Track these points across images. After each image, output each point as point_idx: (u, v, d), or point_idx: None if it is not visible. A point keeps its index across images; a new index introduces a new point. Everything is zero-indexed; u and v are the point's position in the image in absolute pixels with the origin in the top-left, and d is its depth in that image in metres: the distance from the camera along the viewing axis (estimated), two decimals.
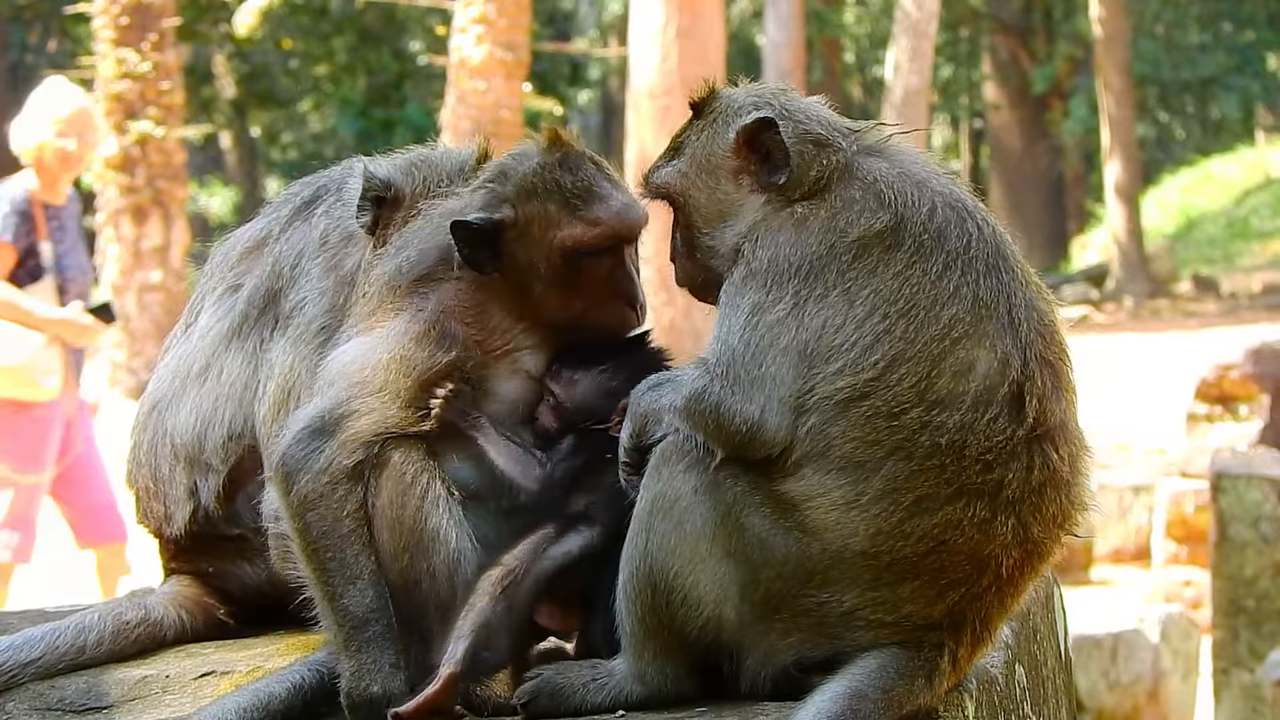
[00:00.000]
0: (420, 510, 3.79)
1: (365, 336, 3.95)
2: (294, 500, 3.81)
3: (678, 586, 3.45)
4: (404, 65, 45.91)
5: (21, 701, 4.11)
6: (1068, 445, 3.41)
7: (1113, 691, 11.98)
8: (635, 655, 3.53)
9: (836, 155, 3.52)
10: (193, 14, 36.94)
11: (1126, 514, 18.04)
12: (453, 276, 3.98)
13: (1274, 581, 11.87)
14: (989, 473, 3.31)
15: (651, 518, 3.47)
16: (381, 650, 3.73)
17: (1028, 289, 3.45)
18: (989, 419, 3.31)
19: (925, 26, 27.59)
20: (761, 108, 3.59)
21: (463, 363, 3.90)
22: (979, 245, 3.40)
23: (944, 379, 3.31)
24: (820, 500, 3.34)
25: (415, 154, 4.40)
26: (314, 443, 3.81)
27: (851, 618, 3.39)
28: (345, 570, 3.77)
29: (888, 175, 3.47)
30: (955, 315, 3.33)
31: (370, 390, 3.83)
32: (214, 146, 52.66)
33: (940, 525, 3.31)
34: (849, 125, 3.62)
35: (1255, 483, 11.92)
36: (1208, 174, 46.46)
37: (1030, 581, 3.49)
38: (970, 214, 3.44)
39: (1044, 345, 3.40)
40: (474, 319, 3.95)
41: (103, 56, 27.14)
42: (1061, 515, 3.42)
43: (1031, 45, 47.87)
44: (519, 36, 24.57)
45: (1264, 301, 33.86)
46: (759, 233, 3.48)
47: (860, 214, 3.41)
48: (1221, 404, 16.64)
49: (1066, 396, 3.43)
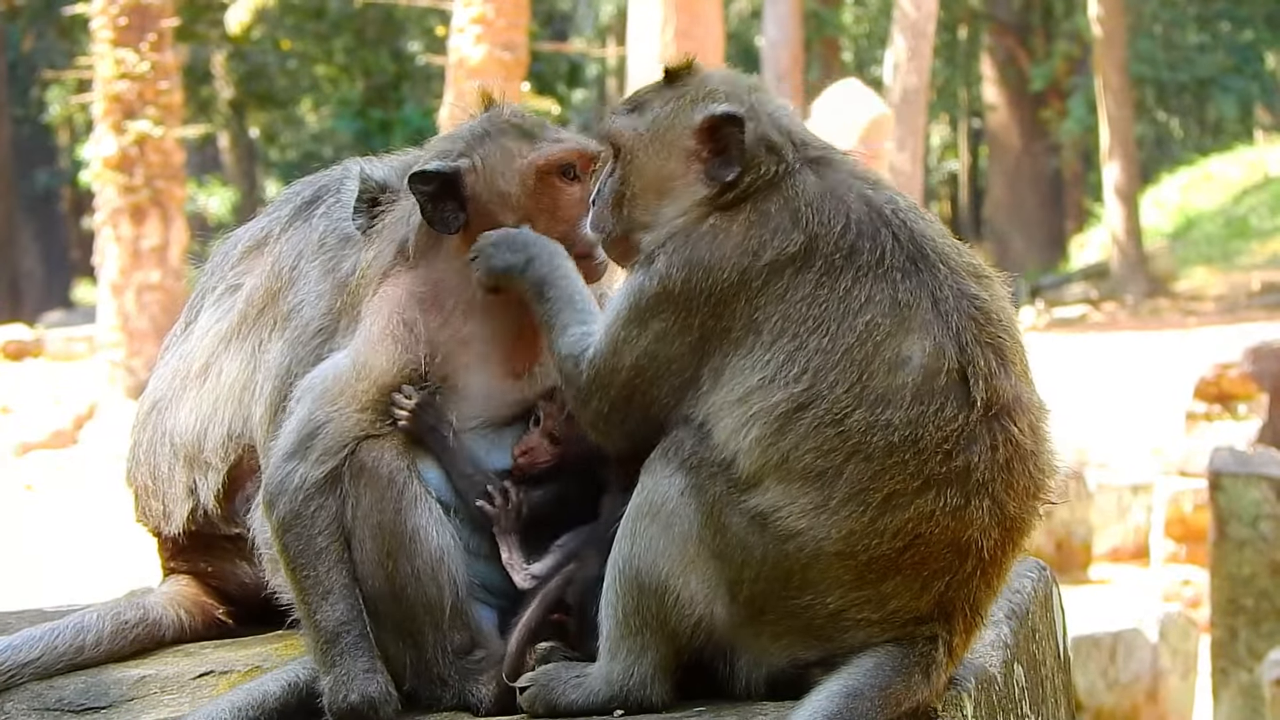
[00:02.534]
0: (400, 511, 3.79)
1: (336, 353, 4.00)
2: (275, 524, 3.85)
3: (670, 587, 3.46)
4: (402, 65, 45.94)
5: (20, 701, 4.12)
6: (1026, 415, 3.44)
7: (1111, 691, 11.98)
8: (609, 656, 3.56)
9: (779, 165, 3.56)
10: (191, 14, 36.95)
11: (1125, 513, 18.05)
12: (408, 266, 4.00)
13: (1272, 580, 11.87)
14: (952, 460, 3.34)
15: (638, 522, 3.50)
16: (355, 659, 3.75)
17: (958, 281, 3.47)
18: (936, 408, 3.34)
19: (924, 26, 27.62)
20: (734, 100, 3.61)
21: (425, 359, 3.91)
22: (894, 253, 3.44)
23: (878, 378, 3.35)
24: (788, 509, 3.37)
25: (410, 156, 4.39)
26: (288, 465, 3.85)
27: (839, 618, 3.40)
28: (319, 586, 3.80)
29: (811, 192, 3.52)
30: (871, 320, 3.38)
31: (329, 399, 3.87)
32: (212, 146, 52.70)
33: (914, 519, 3.33)
34: (801, 136, 3.64)
35: (1254, 482, 11.93)
36: (1206, 173, 46.48)
37: (1013, 558, 3.49)
38: (888, 222, 3.48)
39: (979, 329, 3.42)
40: (432, 304, 3.95)
41: (101, 57, 27.14)
42: (1034, 486, 3.45)
43: (1030, 45, 47.87)
44: (517, 37, 24.60)
45: (1262, 300, 33.87)
46: (679, 243, 3.53)
47: (775, 234, 3.47)
48: (1220, 403, 16.65)
49: (1015, 369, 3.45)
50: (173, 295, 26.32)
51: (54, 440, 26.38)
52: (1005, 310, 3.51)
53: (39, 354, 33.01)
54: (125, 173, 26.90)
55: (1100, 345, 29.59)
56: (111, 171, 26.93)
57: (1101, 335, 31.42)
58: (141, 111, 26.93)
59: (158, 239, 27.02)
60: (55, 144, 53.31)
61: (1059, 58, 45.98)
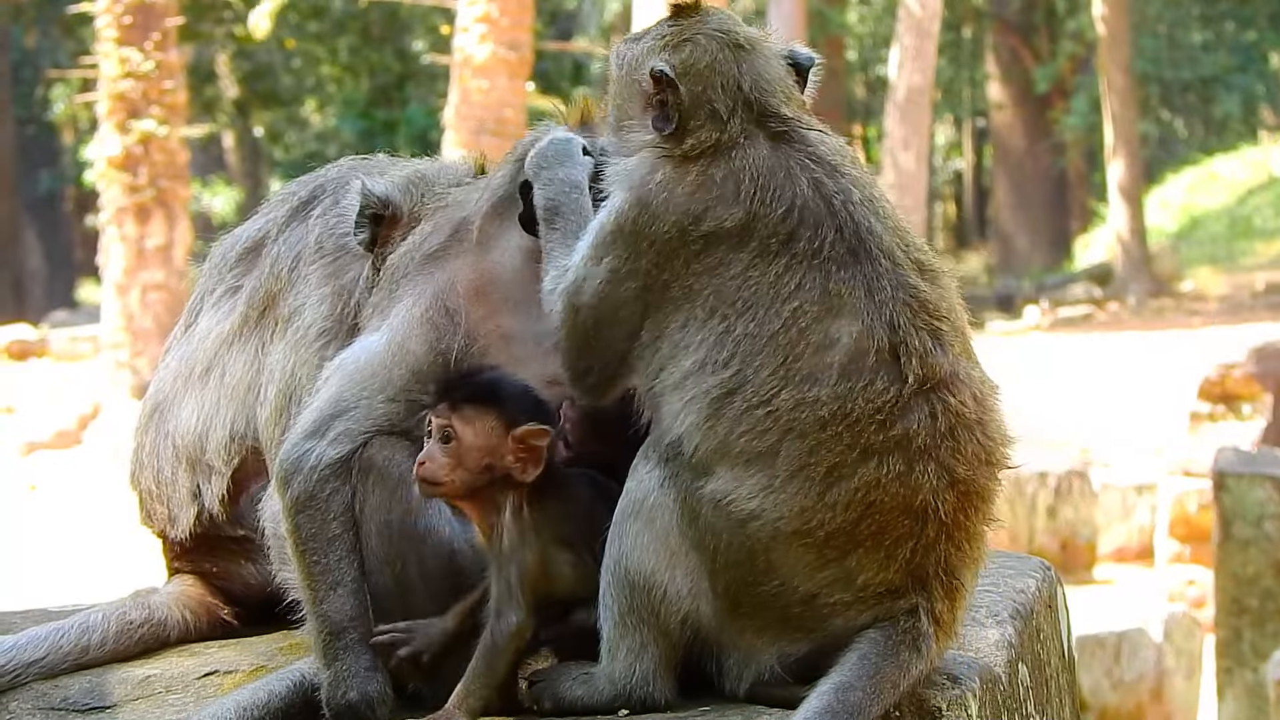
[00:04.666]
0: (409, 511, 3.78)
1: (370, 333, 3.95)
2: (288, 502, 3.83)
3: (658, 583, 3.49)
4: (407, 65, 45.92)
5: (25, 701, 4.12)
6: (967, 388, 3.46)
7: (1116, 690, 11.98)
8: (610, 655, 3.57)
9: (724, 135, 3.55)
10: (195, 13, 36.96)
11: (1129, 513, 18.04)
12: (464, 251, 3.95)
13: (1277, 580, 11.86)
14: (888, 429, 3.37)
15: (624, 522, 3.52)
16: (358, 656, 3.73)
17: (899, 274, 3.47)
18: (865, 384, 3.37)
19: (928, 25, 27.63)
20: (691, 55, 3.60)
21: (461, 350, 3.86)
22: (833, 245, 3.45)
23: (804, 359, 3.39)
24: (739, 491, 3.39)
25: (412, 170, 4.36)
26: (307, 443, 3.84)
27: (813, 604, 3.41)
28: (328, 575, 3.78)
29: (760, 167, 3.51)
30: (799, 308, 3.40)
31: (359, 381, 3.84)
32: (217, 146, 52.73)
33: (860, 488, 3.36)
34: (767, 106, 3.60)
35: (1258, 481, 11.92)
36: (1210, 173, 46.43)
37: (979, 523, 3.49)
38: (835, 213, 3.48)
39: (913, 315, 3.44)
40: (479, 294, 3.90)
41: (106, 56, 27.14)
42: (984, 452, 3.46)
43: (1034, 44, 47.84)
44: (522, 35, 24.59)
45: (1267, 300, 33.84)
46: (635, 182, 3.56)
47: (716, 203, 3.48)
48: (1224, 403, 16.64)
49: (952, 351, 3.47)
50: (177, 295, 26.32)
51: (58, 440, 26.39)
52: (947, 301, 3.53)
53: (43, 354, 33.04)
54: (129, 172, 26.90)
55: (1104, 345, 29.57)
56: (116, 171, 26.92)
57: (1106, 335, 31.40)
58: (146, 111, 26.93)
59: (162, 239, 27.02)
60: (59, 143, 53.34)
61: (1063, 57, 45.95)
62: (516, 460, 3.60)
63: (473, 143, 23.22)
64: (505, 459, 3.60)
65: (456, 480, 3.59)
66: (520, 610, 3.58)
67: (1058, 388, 22.63)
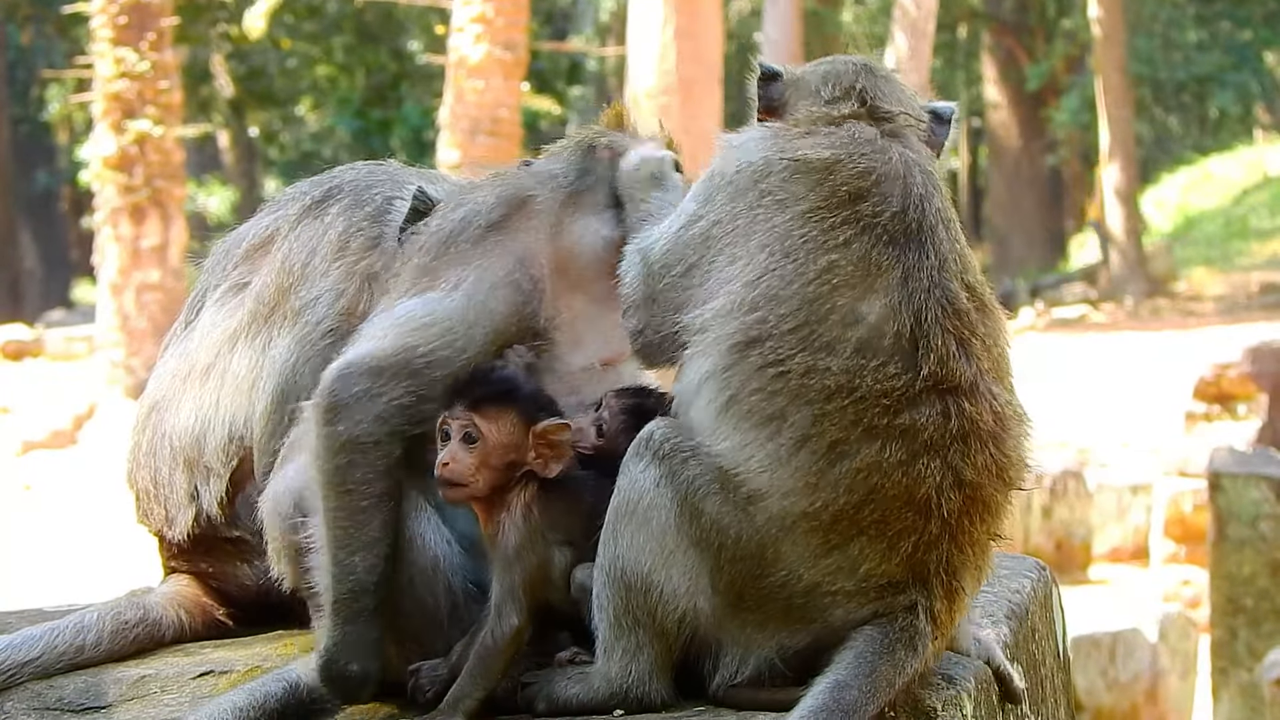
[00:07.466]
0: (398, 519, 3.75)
1: (427, 292, 3.81)
2: (338, 439, 3.64)
3: (654, 583, 3.49)
4: (402, 64, 45.92)
5: (20, 701, 4.11)
6: (986, 402, 3.46)
7: (1111, 691, 11.99)
8: (605, 655, 3.57)
9: (833, 110, 3.69)
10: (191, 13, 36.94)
11: (1125, 513, 18.05)
12: (534, 228, 3.91)
13: (1272, 580, 11.88)
14: (895, 416, 3.38)
15: (618, 523, 3.52)
16: (369, 627, 3.68)
17: (940, 275, 3.49)
18: (878, 364, 3.39)
19: (923, 25, 27.62)
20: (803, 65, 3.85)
21: (538, 317, 3.80)
22: (894, 220, 3.49)
23: (825, 325, 3.41)
24: (749, 463, 3.40)
25: (465, 180, 4.34)
26: (369, 382, 3.66)
27: (815, 594, 3.42)
28: (365, 532, 3.66)
29: (858, 133, 3.62)
30: (836, 263, 3.43)
31: (436, 336, 3.70)
32: (212, 146, 52.69)
33: (863, 469, 3.36)
34: (877, 105, 3.71)
35: (1253, 482, 11.94)
36: (1206, 173, 46.49)
37: (984, 531, 3.49)
38: (908, 194, 3.52)
39: (942, 314, 3.45)
40: (557, 270, 3.87)
41: (101, 56, 27.14)
42: (997, 466, 3.47)
43: (1029, 44, 47.87)
44: (517, 35, 24.61)
45: (1262, 300, 33.87)
46: (729, 144, 3.70)
47: (808, 141, 3.60)
48: (1220, 403, 16.67)
49: (977, 365, 3.47)
50: (172, 295, 26.32)
51: (53, 440, 26.37)
52: (987, 327, 3.52)
53: (38, 354, 33.01)
54: (125, 172, 26.90)
55: (1100, 345, 29.59)
56: (111, 171, 26.93)
57: (1101, 335, 31.42)
58: (141, 111, 26.93)
59: (157, 238, 27.03)
60: (55, 143, 53.29)
61: (1057, 57, 45.98)
62: (539, 456, 3.61)
63: (468, 142, 23.26)
64: (528, 455, 3.61)
65: (480, 480, 3.59)
66: (521, 613, 3.58)
67: (1053, 388, 22.63)
